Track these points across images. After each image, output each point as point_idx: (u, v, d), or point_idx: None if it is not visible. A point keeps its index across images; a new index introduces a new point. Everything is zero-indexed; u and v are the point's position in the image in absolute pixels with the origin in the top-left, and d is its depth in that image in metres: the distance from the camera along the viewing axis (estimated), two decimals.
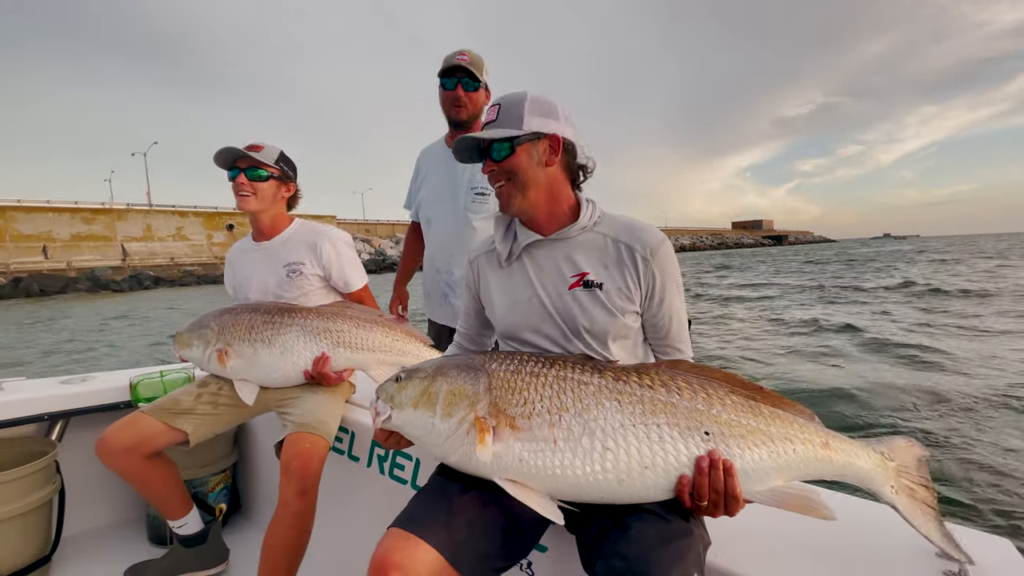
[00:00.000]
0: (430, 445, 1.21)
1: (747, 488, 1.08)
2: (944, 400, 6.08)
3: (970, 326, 10.93)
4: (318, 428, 1.89)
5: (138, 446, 1.92)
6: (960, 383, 6.73)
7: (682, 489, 1.07)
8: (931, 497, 1.16)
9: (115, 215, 49.78)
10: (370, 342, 2.03)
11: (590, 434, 1.10)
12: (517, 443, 1.12)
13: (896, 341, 9.43)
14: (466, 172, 2.50)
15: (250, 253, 2.24)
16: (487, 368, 1.22)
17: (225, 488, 2.65)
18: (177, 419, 1.99)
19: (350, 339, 2.01)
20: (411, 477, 1.87)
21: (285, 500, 1.76)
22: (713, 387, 1.17)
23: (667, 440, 1.09)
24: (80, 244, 46.61)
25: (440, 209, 2.58)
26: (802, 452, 1.13)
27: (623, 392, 1.15)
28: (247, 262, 2.23)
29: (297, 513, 1.75)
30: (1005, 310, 12.83)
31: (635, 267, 1.32)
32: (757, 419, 1.14)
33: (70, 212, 47.10)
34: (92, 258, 45.37)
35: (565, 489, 1.11)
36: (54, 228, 45.66)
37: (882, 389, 6.57)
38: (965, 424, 5.33)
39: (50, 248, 44.49)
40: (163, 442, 1.97)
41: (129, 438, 1.91)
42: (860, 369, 7.76)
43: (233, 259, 2.32)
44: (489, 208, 2.48)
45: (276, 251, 2.18)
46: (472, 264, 1.55)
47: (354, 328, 2.02)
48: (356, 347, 2.01)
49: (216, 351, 2.00)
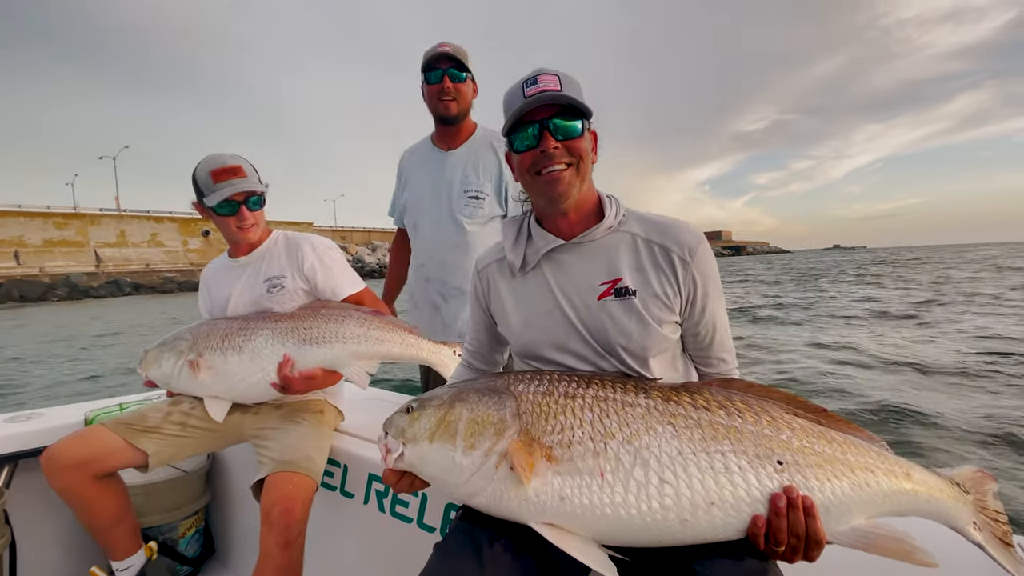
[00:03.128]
0: (452, 485, 0.99)
1: (827, 527, 0.89)
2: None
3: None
4: (303, 466, 1.61)
5: (89, 463, 1.63)
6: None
7: (757, 532, 0.87)
8: (1010, 534, 0.99)
9: (87, 220, 47.94)
10: (340, 333, 1.73)
11: (643, 464, 0.90)
12: (556, 478, 0.92)
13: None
14: (456, 172, 2.22)
15: (227, 271, 1.95)
16: (513, 390, 1.02)
17: (198, 532, 2.30)
18: (139, 437, 1.71)
19: (318, 334, 1.72)
20: (417, 515, 1.60)
21: (267, 552, 1.47)
22: (776, 409, 0.99)
23: (735, 471, 0.90)
24: (53, 250, 44.78)
25: (428, 213, 2.29)
26: (885, 484, 0.94)
27: (676, 415, 0.95)
28: (223, 280, 1.95)
29: (281, 567, 1.47)
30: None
31: (673, 271, 1.12)
32: (831, 446, 0.95)
33: (42, 217, 45.22)
34: (65, 264, 43.61)
35: (616, 532, 0.90)
36: (25, 233, 43.76)
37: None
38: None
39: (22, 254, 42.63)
40: (119, 462, 1.69)
41: (81, 452, 1.63)
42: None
43: (208, 279, 2.02)
44: (484, 212, 2.19)
45: (255, 266, 1.90)
46: (480, 274, 1.32)
47: (323, 323, 1.74)
48: (324, 341, 1.72)
49: (188, 362, 1.74)
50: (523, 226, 1.24)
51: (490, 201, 2.19)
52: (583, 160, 1.12)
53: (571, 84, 1.11)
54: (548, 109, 1.09)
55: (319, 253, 1.88)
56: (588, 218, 1.19)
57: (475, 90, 2.25)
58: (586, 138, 1.13)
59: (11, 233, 42.92)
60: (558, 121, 1.09)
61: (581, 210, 1.18)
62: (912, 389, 6.44)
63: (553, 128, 1.10)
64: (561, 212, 1.16)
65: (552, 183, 1.11)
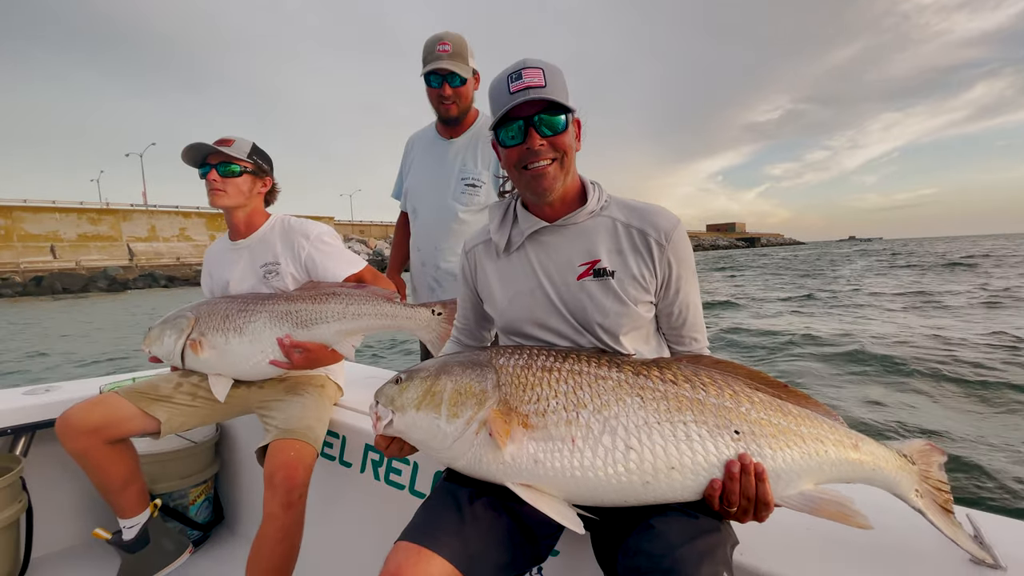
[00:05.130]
0: (436, 450, 1.06)
1: (777, 491, 0.96)
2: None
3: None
4: (304, 434, 1.68)
5: (104, 428, 1.70)
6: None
7: (712, 493, 0.94)
8: (950, 502, 1.04)
9: (120, 215, 49.00)
10: (325, 313, 1.79)
11: (611, 432, 0.97)
12: (531, 443, 0.98)
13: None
14: (456, 161, 2.27)
15: (226, 253, 2.01)
16: (495, 364, 1.08)
17: (207, 500, 2.40)
18: (152, 405, 1.79)
19: (307, 316, 1.79)
20: (409, 482, 1.69)
21: (270, 513, 1.55)
22: (739, 384, 1.05)
23: (695, 439, 0.96)
24: (88, 244, 45.82)
25: (427, 199, 2.35)
26: (834, 454, 1.00)
27: (645, 387, 1.01)
28: (223, 263, 2.01)
29: (284, 527, 1.55)
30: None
31: (649, 254, 1.16)
32: (787, 418, 1.01)
33: (76, 212, 46.27)
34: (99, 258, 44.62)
35: (584, 492, 0.97)
36: (60, 228, 44.83)
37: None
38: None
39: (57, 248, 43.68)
40: (132, 428, 1.76)
41: (97, 418, 1.70)
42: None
43: (209, 260, 2.09)
44: (480, 200, 2.25)
45: (252, 250, 1.96)
46: (468, 254, 1.37)
47: (311, 304, 1.80)
48: (313, 322, 1.78)
49: (190, 341, 1.81)
50: (509, 208, 1.28)
51: (487, 189, 2.24)
52: (567, 154, 1.15)
53: (555, 77, 1.11)
54: (534, 105, 1.10)
55: (313, 242, 1.92)
56: (571, 202, 1.23)
57: (477, 82, 2.27)
58: (570, 132, 1.14)
59: (46, 228, 43.99)
60: (543, 116, 1.10)
61: (565, 196, 1.22)
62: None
63: (538, 124, 1.11)
64: (547, 203, 1.20)
65: (538, 178, 1.14)
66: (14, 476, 1.93)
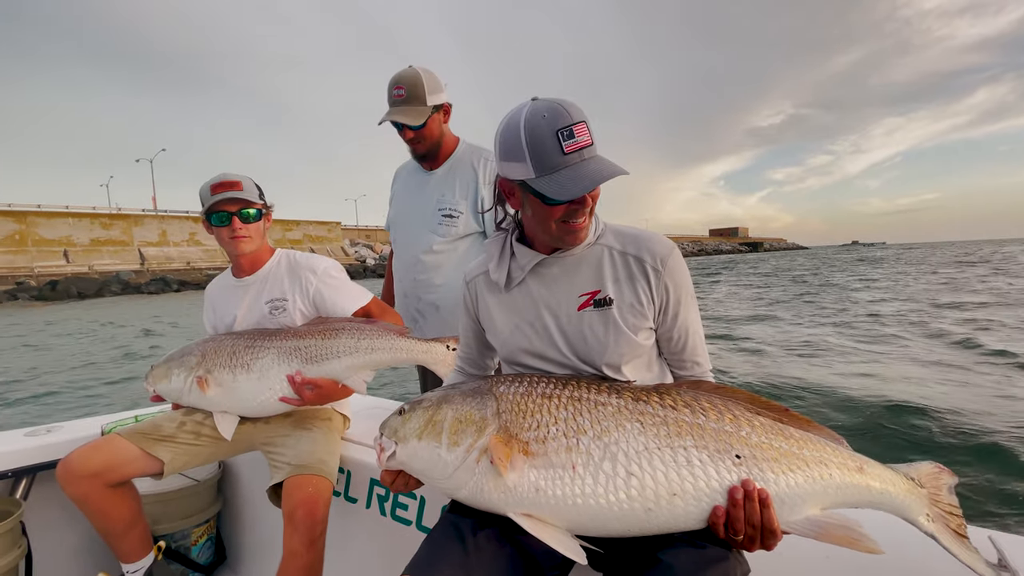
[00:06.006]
0: (438, 479, 1.05)
1: (782, 517, 0.94)
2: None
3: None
4: (320, 469, 1.65)
5: (106, 472, 1.66)
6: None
7: (716, 520, 0.93)
8: (963, 526, 1.02)
9: (132, 220, 49.27)
10: (335, 349, 1.75)
11: (612, 458, 0.96)
12: (532, 471, 0.98)
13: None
14: (435, 192, 2.22)
15: (231, 290, 1.96)
16: (495, 391, 1.08)
17: (209, 540, 2.32)
18: (155, 446, 1.74)
19: (317, 352, 1.75)
20: (416, 517, 1.67)
21: (293, 552, 1.52)
22: (739, 408, 1.04)
23: (696, 464, 0.95)
24: (100, 249, 46.10)
25: (405, 230, 2.32)
26: (838, 477, 0.98)
27: (645, 413, 1.01)
28: (227, 300, 1.96)
29: (306, 565, 1.52)
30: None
31: (646, 280, 1.16)
32: (788, 442, 1.00)
33: (89, 217, 46.58)
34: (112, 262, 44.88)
35: (587, 521, 0.97)
36: (73, 233, 45.12)
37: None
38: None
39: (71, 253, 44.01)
40: (134, 470, 1.72)
41: (98, 463, 1.66)
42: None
43: (213, 297, 2.03)
44: (458, 231, 2.19)
45: (258, 287, 1.91)
46: (469, 285, 1.36)
47: (321, 340, 1.76)
48: (323, 358, 1.75)
49: (196, 378, 1.77)
50: (506, 244, 1.26)
51: (465, 219, 2.19)
52: (595, 203, 1.13)
53: (591, 127, 1.06)
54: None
55: (321, 277, 1.88)
56: None
57: (446, 115, 2.19)
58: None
59: (60, 233, 44.28)
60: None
61: None
62: None
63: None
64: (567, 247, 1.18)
65: (575, 232, 1.12)
66: (14, 521, 1.85)
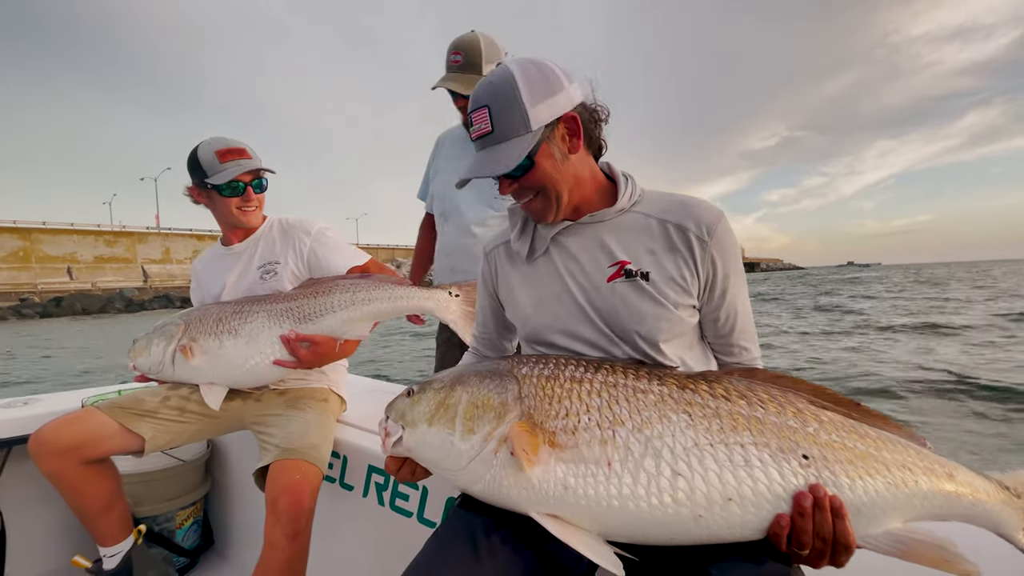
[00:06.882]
0: (450, 471, 0.90)
1: (858, 530, 0.78)
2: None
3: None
4: (309, 454, 1.49)
5: (80, 447, 1.53)
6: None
7: (779, 532, 0.76)
8: None
9: (136, 238, 49.24)
10: (329, 304, 1.63)
11: (655, 455, 0.80)
12: (560, 465, 0.82)
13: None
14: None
15: (220, 259, 1.85)
16: (516, 373, 0.92)
17: (196, 523, 2.17)
18: (136, 421, 1.60)
19: (310, 310, 1.63)
20: (417, 508, 1.51)
21: (273, 543, 1.36)
22: (802, 401, 0.87)
23: (756, 465, 0.79)
24: (103, 266, 45.98)
25: (455, 203, 2.14)
26: (925, 485, 0.81)
27: (693, 403, 0.84)
28: (216, 270, 1.84)
29: (288, 559, 1.36)
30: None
31: (690, 251, 1.00)
32: (864, 441, 0.83)
33: (94, 235, 46.53)
34: (115, 279, 44.74)
35: (623, 526, 0.80)
36: (78, 250, 45.04)
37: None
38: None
39: (74, 269, 43.86)
40: (112, 447, 1.58)
41: (73, 436, 1.52)
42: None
43: (199, 272, 1.90)
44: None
45: (249, 253, 1.80)
46: (488, 257, 1.22)
47: (314, 298, 1.64)
48: (317, 316, 1.62)
49: (180, 347, 1.63)
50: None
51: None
52: (546, 186, 1.02)
53: (502, 111, 0.96)
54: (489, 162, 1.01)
55: (315, 237, 1.78)
56: (596, 200, 1.08)
57: None
58: (540, 165, 0.99)
59: (64, 250, 44.19)
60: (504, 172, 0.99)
61: (587, 193, 1.07)
62: None
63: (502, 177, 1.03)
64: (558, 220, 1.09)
65: (529, 212, 1.08)
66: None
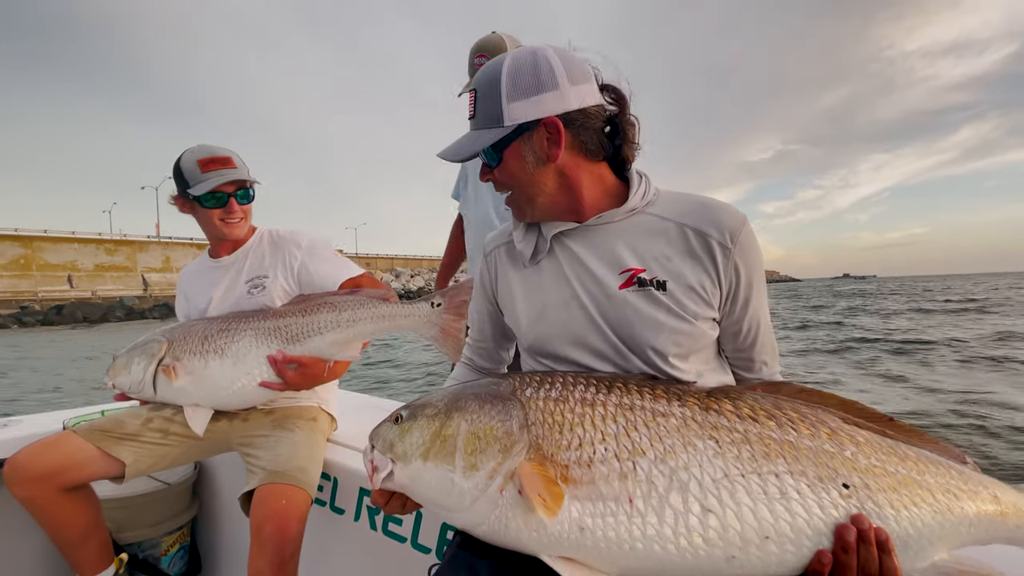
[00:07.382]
0: (451, 511, 0.80)
1: (905, 565, 0.70)
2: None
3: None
4: (296, 478, 1.41)
5: (57, 474, 1.45)
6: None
7: (820, 569, 0.68)
8: None
9: (136, 247, 49.06)
10: (316, 325, 1.55)
11: (681, 489, 0.71)
12: (575, 503, 0.73)
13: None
14: None
15: (207, 272, 1.77)
16: (520, 396, 0.83)
17: (182, 549, 2.07)
18: (115, 445, 1.52)
19: (298, 330, 1.55)
20: (411, 534, 1.42)
21: (258, 573, 1.27)
22: (834, 419, 0.79)
23: (793, 497, 0.71)
24: (104, 274, 45.78)
25: (485, 205, 2.18)
26: (971, 510, 0.74)
27: (719, 427, 0.76)
28: (203, 283, 1.76)
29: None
30: None
31: (712, 260, 0.92)
32: (905, 464, 0.75)
33: (95, 243, 46.37)
34: (115, 288, 44.53)
35: (647, 570, 0.71)
36: (78, 258, 44.85)
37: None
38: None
39: (75, 278, 43.68)
40: (91, 472, 1.50)
41: (48, 462, 1.44)
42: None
43: (185, 284, 1.83)
44: None
45: (238, 266, 1.72)
46: (488, 257, 1.14)
47: (300, 318, 1.56)
48: (305, 336, 1.55)
49: (162, 366, 1.53)
50: None
51: None
52: (519, 185, 0.97)
53: (485, 101, 0.94)
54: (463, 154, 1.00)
55: (306, 250, 1.71)
56: (604, 201, 1.00)
57: None
58: (507, 161, 0.96)
59: (64, 258, 44.00)
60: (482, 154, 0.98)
61: (595, 192, 0.99)
62: None
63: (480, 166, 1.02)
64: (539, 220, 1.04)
65: (509, 207, 1.04)
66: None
